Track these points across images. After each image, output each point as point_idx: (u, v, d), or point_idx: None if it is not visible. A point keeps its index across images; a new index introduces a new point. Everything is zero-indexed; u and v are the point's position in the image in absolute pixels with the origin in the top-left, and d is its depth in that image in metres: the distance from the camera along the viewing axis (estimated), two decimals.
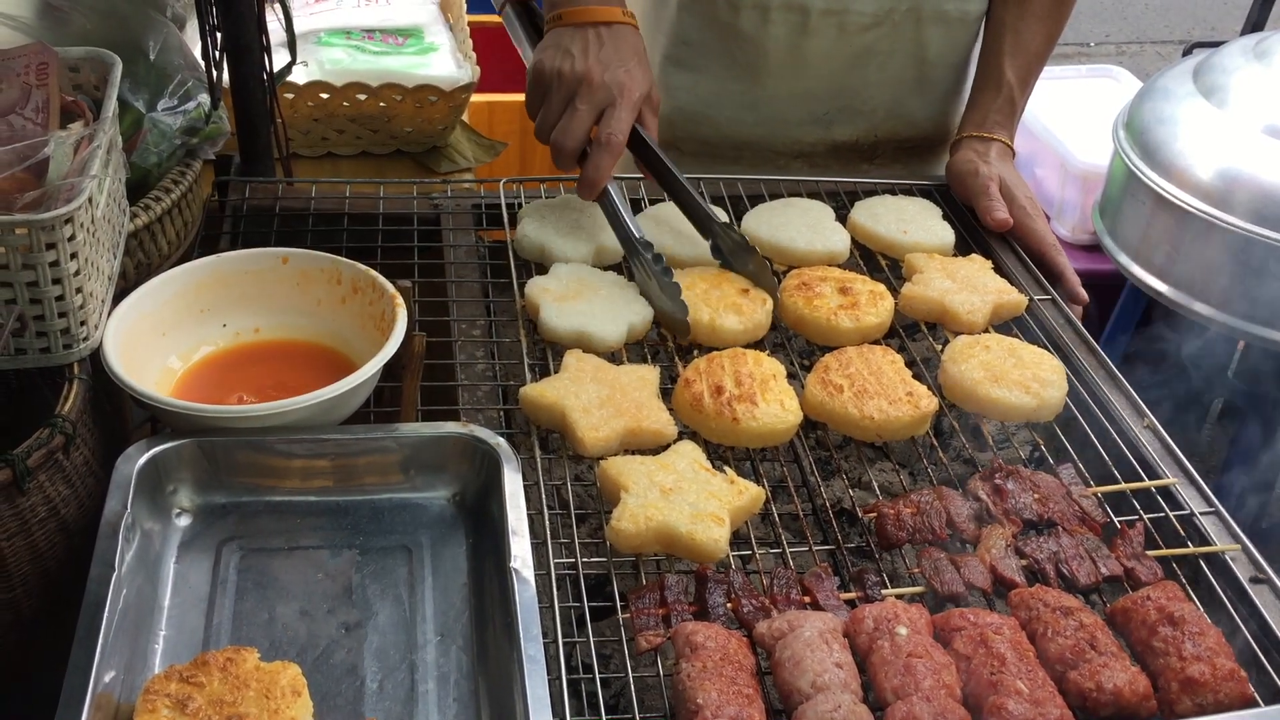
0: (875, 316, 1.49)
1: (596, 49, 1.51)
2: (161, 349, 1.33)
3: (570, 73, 1.50)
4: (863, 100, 1.90)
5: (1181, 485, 1.31)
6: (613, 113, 1.50)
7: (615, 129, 1.50)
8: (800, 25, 1.81)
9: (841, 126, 1.92)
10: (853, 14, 1.80)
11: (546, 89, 1.52)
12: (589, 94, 1.49)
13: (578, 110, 1.50)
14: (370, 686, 1.07)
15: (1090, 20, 6.43)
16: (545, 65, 1.52)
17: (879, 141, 1.96)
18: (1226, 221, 2.34)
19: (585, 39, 1.52)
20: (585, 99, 1.49)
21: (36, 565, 1.14)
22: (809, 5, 1.79)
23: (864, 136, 1.94)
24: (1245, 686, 1.05)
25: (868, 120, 1.93)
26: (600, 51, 1.51)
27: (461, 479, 1.24)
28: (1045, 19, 1.80)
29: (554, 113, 1.52)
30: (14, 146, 1.19)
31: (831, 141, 1.93)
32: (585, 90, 1.49)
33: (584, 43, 1.52)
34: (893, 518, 1.24)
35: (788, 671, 1.05)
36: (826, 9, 1.80)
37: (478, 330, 1.53)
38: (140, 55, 1.51)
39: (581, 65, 1.50)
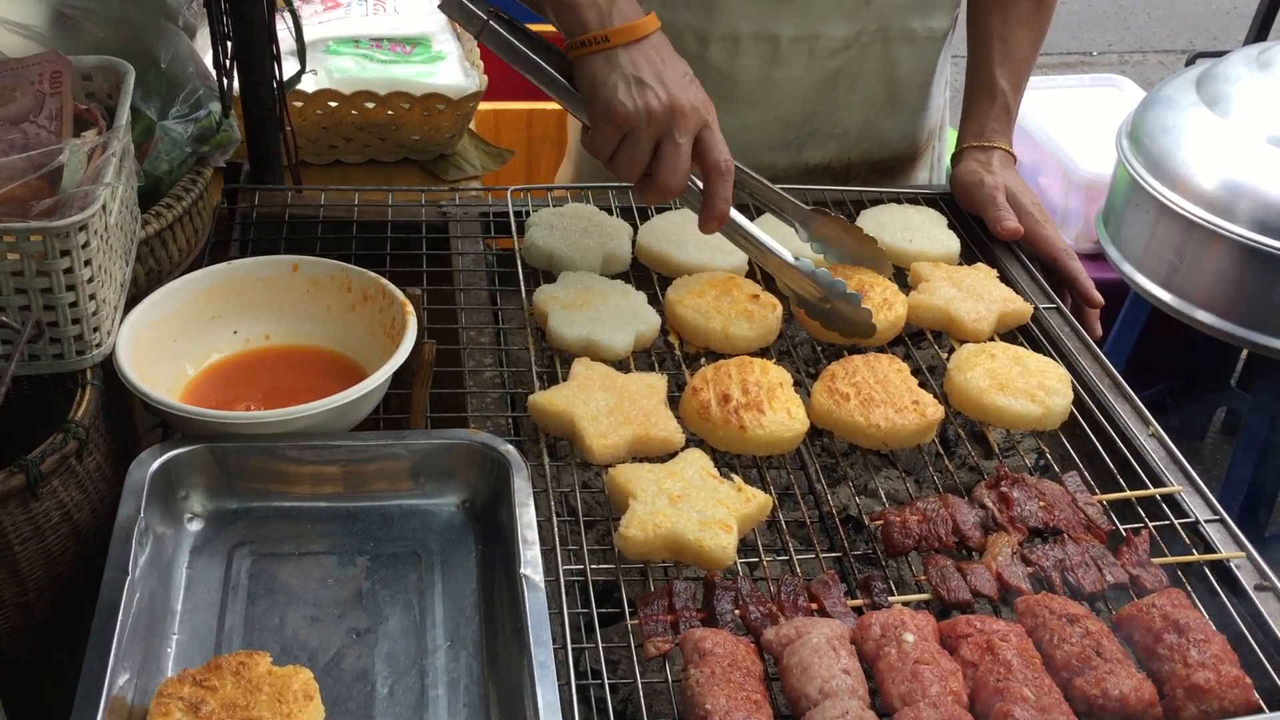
0: (890, 315, 1.50)
1: (663, 69, 1.36)
2: (173, 355, 1.34)
3: (659, 107, 1.34)
4: (833, 123, 1.89)
5: (1186, 493, 1.32)
6: (710, 135, 1.38)
7: (724, 152, 1.39)
8: (771, 54, 1.79)
9: (813, 150, 1.91)
10: (823, 39, 1.79)
11: (631, 129, 1.35)
12: (684, 125, 1.35)
13: (680, 145, 1.36)
14: (381, 692, 1.08)
15: (1093, 29, 6.45)
16: (627, 105, 1.34)
17: (852, 164, 1.95)
18: (1230, 231, 2.35)
19: (648, 60, 1.36)
20: (683, 131, 1.35)
21: (49, 569, 1.15)
22: (779, 34, 1.78)
23: (836, 159, 1.93)
24: (1250, 693, 1.05)
25: (839, 142, 1.92)
26: (668, 71, 1.36)
27: (471, 486, 1.25)
28: (1030, 24, 1.81)
29: (645, 152, 1.36)
30: (29, 154, 1.20)
31: (804, 165, 1.92)
32: (680, 122, 1.35)
33: (649, 66, 1.35)
34: (899, 525, 1.24)
35: (795, 678, 1.05)
36: (796, 36, 1.78)
37: (486, 338, 1.54)
38: (152, 64, 1.52)
39: (665, 95, 1.34)
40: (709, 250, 1.61)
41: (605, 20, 1.35)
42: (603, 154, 1.39)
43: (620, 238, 1.63)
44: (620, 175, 1.39)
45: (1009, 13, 1.80)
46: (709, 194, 1.40)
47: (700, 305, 1.49)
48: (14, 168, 1.19)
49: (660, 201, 1.42)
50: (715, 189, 1.39)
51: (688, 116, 1.35)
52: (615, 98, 1.34)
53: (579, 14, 1.36)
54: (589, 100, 1.37)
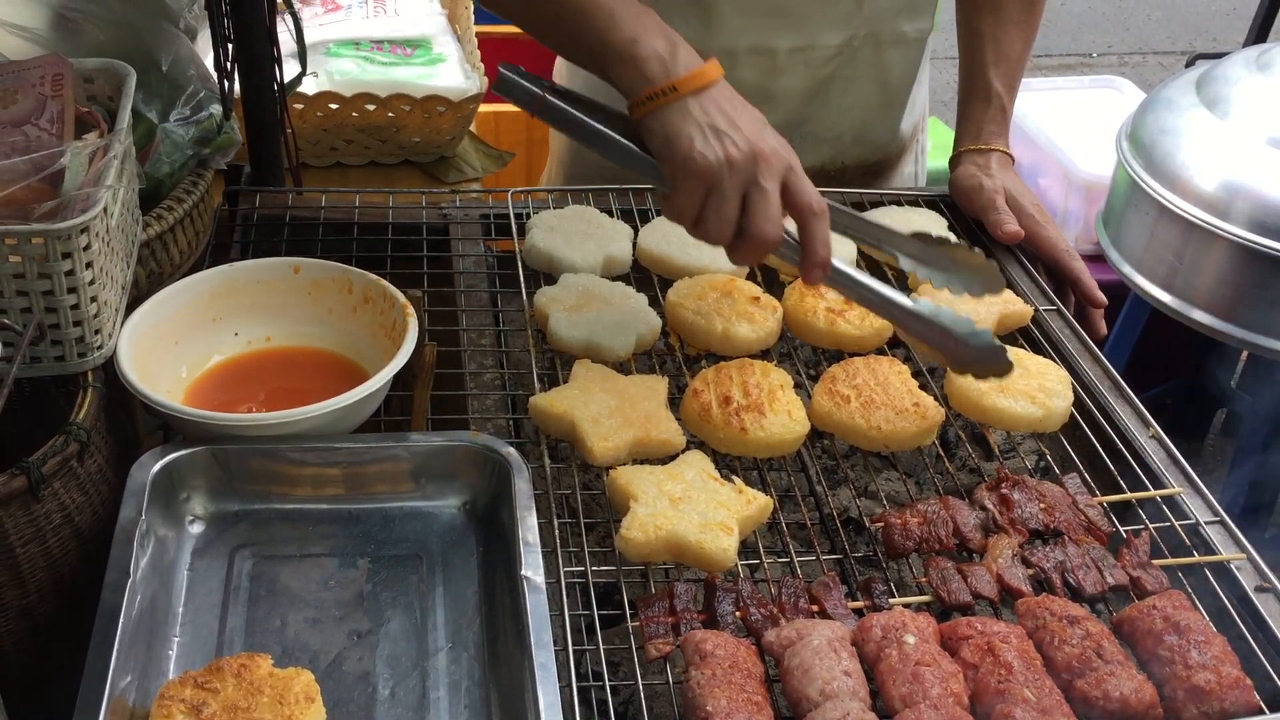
0: (876, 322, 1.50)
1: (736, 115, 1.28)
2: (174, 357, 1.34)
3: (740, 155, 1.25)
4: (826, 126, 1.89)
5: (1187, 494, 1.32)
6: (796, 178, 1.29)
7: (814, 192, 1.30)
8: (769, 67, 1.79)
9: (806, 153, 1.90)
10: (817, 48, 1.79)
11: (714, 182, 1.26)
12: (769, 170, 1.26)
13: (768, 192, 1.26)
14: (382, 693, 1.08)
15: (1093, 31, 6.45)
16: (708, 157, 1.25)
17: (846, 167, 1.96)
18: (1229, 232, 2.35)
19: (719, 108, 1.28)
20: (769, 176, 1.26)
21: (51, 572, 1.15)
22: (775, 47, 1.78)
23: (829, 162, 1.93)
24: (1251, 694, 1.05)
25: (832, 146, 1.92)
26: (742, 116, 1.28)
27: (472, 488, 1.25)
28: (1021, 24, 1.82)
29: (733, 205, 1.27)
30: (30, 157, 1.21)
31: None
32: (765, 168, 1.26)
33: (722, 113, 1.27)
34: (900, 527, 1.25)
35: (796, 679, 1.06)
36: (793, 47, 1.78)
37: (486, 340, 1.54)
38: (153, 66, 1.52)
39: (745, 142, 1.26)
40: (709, 252, 1.61)
41: (670, 70, 1.28)
42: (687, 216, 1.29)
43: (621, 240, 1.63)
44: (710, 237, 1.30)
45: (1001, 14, 1.81)
46: (806, 238, 1.30)
47: (701, 307, 1.49)
48: (15, 170, 1.19)
49: (757, 260, 1.35)
50: (813, 232, 1.30)
51: (771, 161, 1.27)
52: (693, 150, 1.25)
53: (643, 68, 1.28)
54: (664, 158, 1.29)
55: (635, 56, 1.28)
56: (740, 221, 1.28)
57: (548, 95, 1.33)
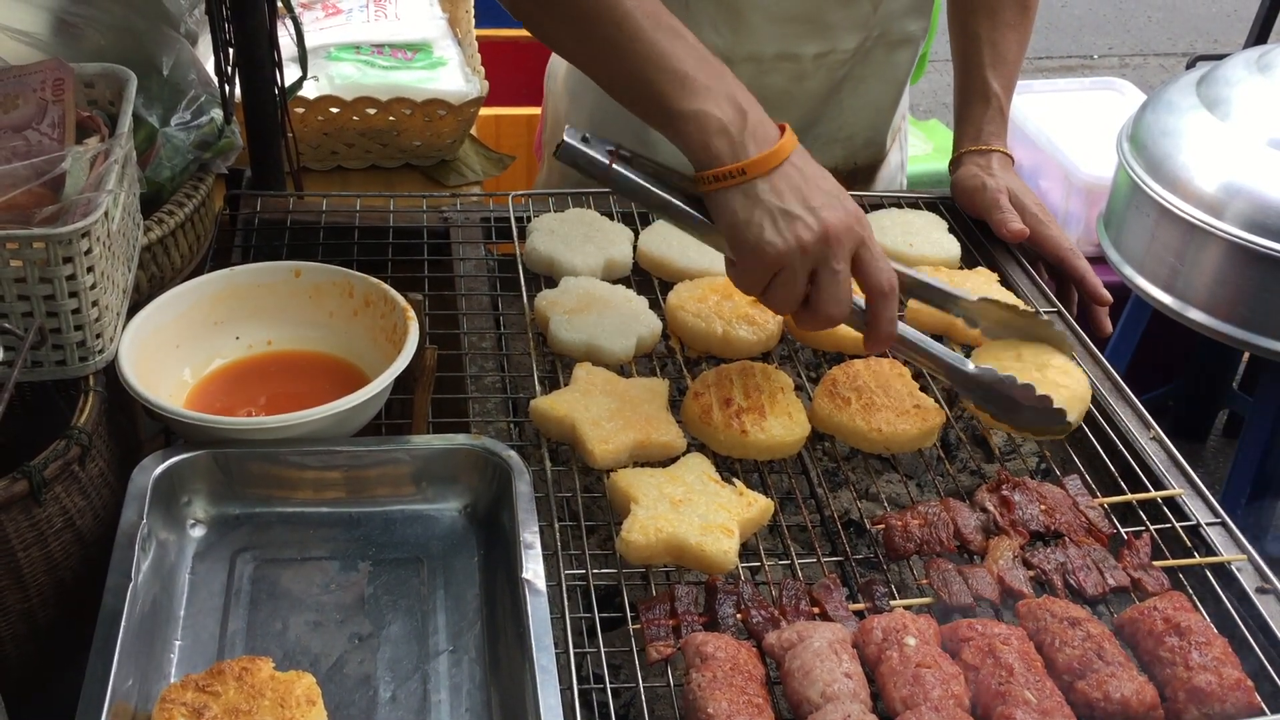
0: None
1: (808, 193, 1.24)
2: (175, 361, 1.34)
3: (812, 238, 1.22)
4: (839, 127, 1.90)
5: (1188, 496, 1.32)
6: (869, 254, 1.26)
7: (886, 270, 1.27)
8: (795, 72, 1.80)
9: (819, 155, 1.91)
10: (838, 52, 1.80)
11: (784, 266, 1.24)
12: (839, 250, 1.24)
13: (838, 273, 1.24)
14: (383, 696, 1.08)
15: (1093, 33, 6.45)
16: (777, 244, 1.22)
17: (858, 168, 1.97)
18: (1230, 233, 2.35)
19: (791, 187, 1.23)
20: (840, 258, 1.24)
21: (52, 575, 1.15)
22: (801, 52, 1.79)
23: (843, 163, 1.94)
24: (1252, 696, 1.05)
25: (845, 147, 1.93)
26: (814, 194, 1.24)
27: (473, 491, 1.25)
28: (1016, 27, 1.83)
29: (800, 287, 1.25)
30: (31, 161, 1.21)
31: None
32: (835, 248, 1.23)
33: (794, 193, 1.23)
34: (900, 529, 1.25)
35: (797, 681, 1.06)
36: (817, 52, 1.79)
37: (487, 343, 1.54)
38: (154, 71, 1.52)
39: (817, 223, 1.22)
40: (710, 255, 1.61)
41: (739, 151, 1.23)
42: (752, 292, 1.29)
43: (621, 243, 1.63)
44: (776, 310, 1.30)
45: (996, 18, 1.82)
46: (874, 317, 1.29)
47: (702, 310, 1.49)
48: (17, 175, 1.20)
49: (822, 329, 1.32)
50: (880, 312, 1.28)
51: (842, 241, 1.24)
52: (763, 238, 1.22)
53: (709, 143, 1.23)
54: (732, 240, 1.26)
55: (702, 130, 1.23)
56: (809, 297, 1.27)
57: (614, 166, 1.31)
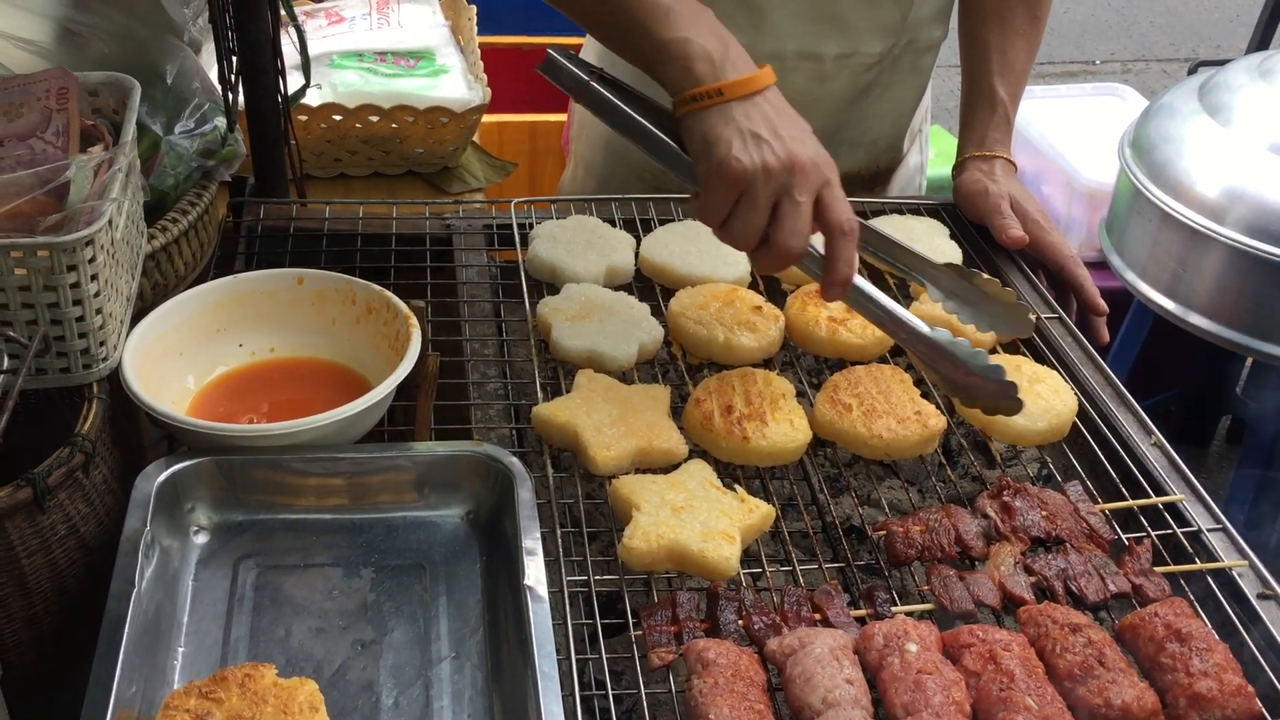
0: (878, 331, 1.50)
1: (779, 123, 1.26)
2: (179, 369, 1.34)
3: (777, 163, 1.24)
4: (863, 131, 1.92)
5: (1189, 502, 1.32)
6: (832, 194, 1.27)
7: (845, 211, 1.28)
8: (816, 72, 1.82)
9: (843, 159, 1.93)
10: (862, 55, 1.82)
11: (747, 187, 1.25)
12: (805, 182, 1.25)
13: (799, 203, 1.25)
14: (386, 703, 1.08)
15: (1096, 38, 6.46)
16: (743, 160, 1.23)
17: (880, 172, 1.98)
18: (1232, 238, 2.35)
19: (763, 115, 1.26)
20: (803, 189, 1.25)
21: (56, 582, 1.15)
22: (823, 52, 1.80)
23: (865, 168, 1.96)
24: (1253, 702, 1.05)
25: (869, 151, 1.94)
26: (785, 125, 1.26)
27: (475, 497, 1.25)
28: (1025, 35, 1.84)
29: (763, 213, 1.25)
30: (35, 170, 1.21)
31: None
32: (800, 179, 1.24)
33: (765, 120, 1.26)
34: (902, 535, 1.25)
35: (799, 688, 1.06)
36: (840, 54, 1.81)
37: (490, 350, 1.55)
38: (158, 79, 1.53)
39: (784, 150, 1.24)
40: (711, 261, 1.61)
41: (719, 73, 1.26)
42: (715, 218, 1.28)
43: (623, 249, 1.64)
44: (735, 242, 1.29)
45: (1006, 25, 1.82)
46: (831, 256, 1.29)
47: (703, 316, 1.50)
48: (21, 183, 1.20)
49: (778, 269, 1.33)
50: (838, 251, 1.28)
51: (808, 173, 1.25)
52: (730, 154, 1.24)
53: (690, 67, 1.27)
54: (700, 159, 1.27)
55: (685, 55, 1.27)
56: (767, 230, 1.27)
57: (592, 81, 1.33)
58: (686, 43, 1.27)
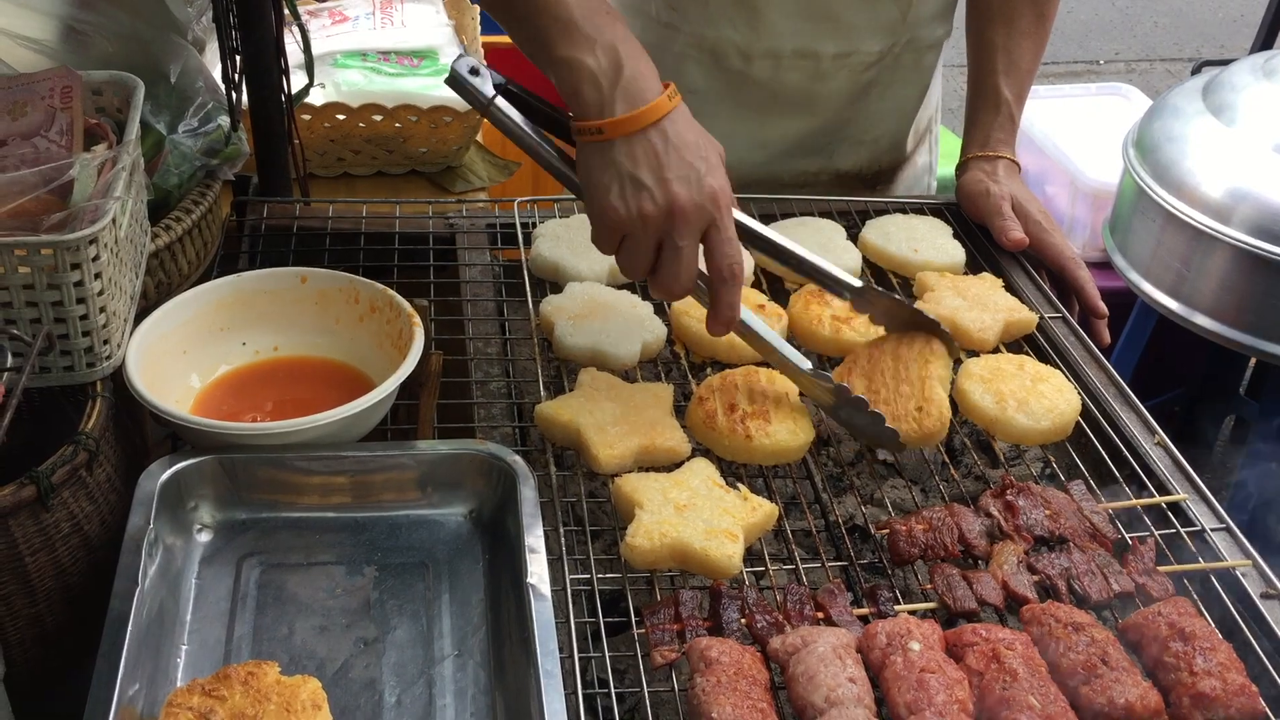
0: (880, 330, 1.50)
1: (667, 162, 1.20)
2: (182, 367, 1.35)
3: (654, 212, 1.20)
4: (864, 129, 1.92)
5: (1193, 501, 1.32)
6: (717, 235, 1.23)
7: (731, 254, 1.24)
8: (813, 70, 1.82)
9: (844, 156, 1.94)
10: (861, 54, 1.82)
11: (627, 233, 1.23)
12: (686, 228, 1.21)
13: (681, 249, 1.22)
14: (388, 701, 1.08)
15: (1100, 38, 6.45)
16: (619, 211, 1.21)
17: (881, 170, 1.99)
18: (1236, 238, 2.34)
19: (648, 154, 1.20)
20: (684, 234, 1.21)
21: (60, 580, 1.15)
22: (820, 51, 1.80)
23: (866, 166, 1.96)
24: (1256, 701, 1.05)
25: (870, 150, 1.95)
26: (673, 164, 1.20)
27: (478, 496, 1.25)
28: (1032, 36, 1.84)
29: (645, 257, 1.24)
30: (39, 169, 1.22)
31: (834, 170, 1.96)
32: (681, 225, 1.21)
33: (650, 160, 1.20)
34: (905, 534, 1.25)
35: (802, 686, 1.06)
36: (837, 52, 1.81)
37: (493, 349, 1.55)
38: (161, 78, 1.53)
39: (663, 196, 1.19)
40: None
41: (605, 106, 1.20)
42: (605, 251, 1.28)
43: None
44: (626, 273, 1.28)
45: (1013, 25, 1.82)
46: (714, 300, 1.27)
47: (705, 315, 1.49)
48: (25, 182, 1.20)
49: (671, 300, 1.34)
50: (720, 296, 1.26)
51: (689, 219, 1.21)
52: (608, 200, 1.21)
53: (577, 92, 1.22)
54: (585, 197, 1.26)
55: (572, 79, 1.21)
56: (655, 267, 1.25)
57: (498, 98, 1.30)
58: (576, 65, 1.21)
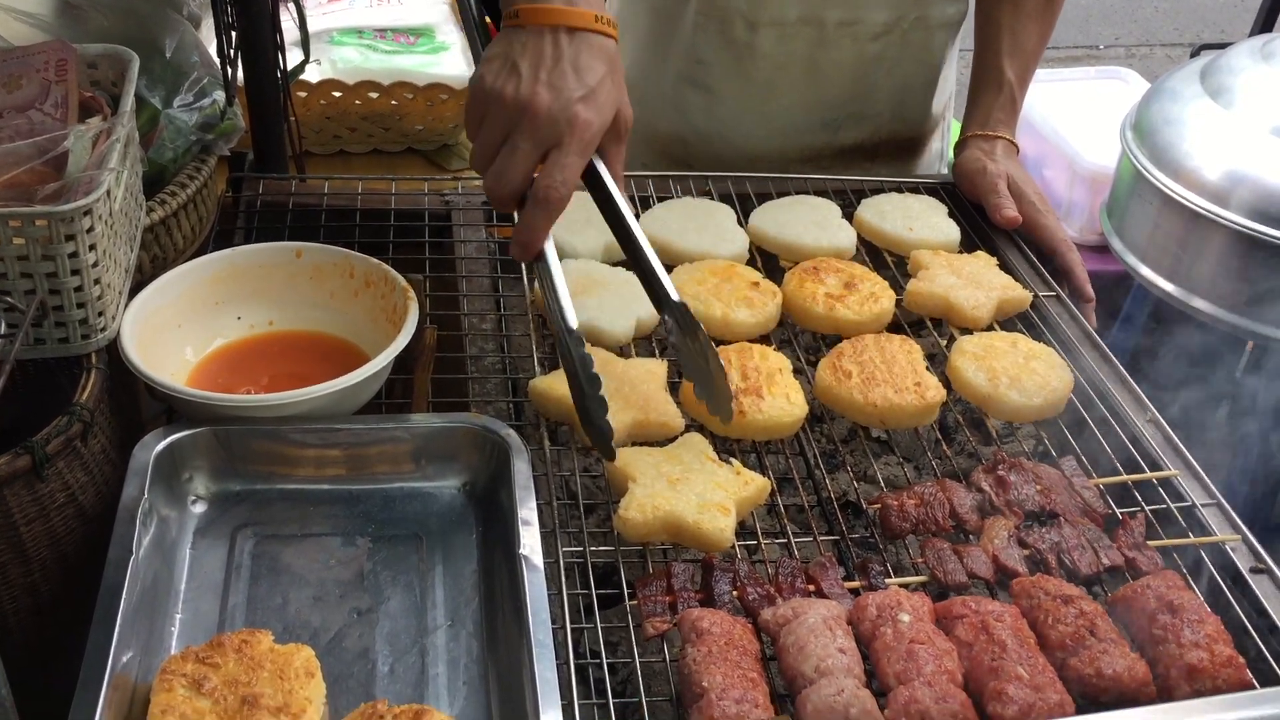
0: (875, 307, 1.50)
1: (551, 65, 1.19)
2: (177, 341, 1.35)
3: (512, 99, 1.18)
4: (869, 104, 1.92)
5: (1183, 477, 1.32)
6: (558, 156, 1.19)
7: (557, 179, 1.19)
8: (818, 39, 1.82)
9: (849, 131, 1.94)
10: (865, 24, 1.82)
11: (484, 110, 1.21)
12: (532, 129, 1.18)
13: (518, 149, 1.19)
14: (381, 669, 1.09)
15: (1100, 23, 6.43)
16: (486, 82, 1.20)
17: (881, 142, 1.99)
18: (1233, 221, 2.34)
19: (540, 50, 1.20)
20: (527, 135, 1.19)
21: (55, 550, 1.16)
22: (824, 18, 1.81)
23: (868, 139, 1.96)
24: (1244, 673, 1.06)
25: (874, 123, 1.95)
26: (555, 70, 1.19)
27: (472, 469, 1.26)
28: (1038, 18, 1.84)
29: (490, 146, 1.21)
30: (34, 140, 1.22)
31: (839, 145, 1.96)
32: (528, 124, 1.18)
33: (537, 56, 1.20)
34: (897, 509, 1.25)
35: (792, 657, 1.06)
36: (841, 20, 1.81)
37: (488, 325, 1.55)
38: (157, 53, 1.53)
39: (527, 89, 1.18)
40: (710, 238, 1.62)
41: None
42: (469, 133, 1.25)
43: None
44: (472, 163, 1.25)
45: (1020, 6, 1.82)
46: (521, 217, 1.22)
47: (700, 292, 1.50)
48: (20, 153, 1.21)
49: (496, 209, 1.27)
50: (529, 214, 1.21)
51: (537, 123, 1.18)
52: (482, 71, 1.22)
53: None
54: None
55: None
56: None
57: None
58: None
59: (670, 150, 1.92)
